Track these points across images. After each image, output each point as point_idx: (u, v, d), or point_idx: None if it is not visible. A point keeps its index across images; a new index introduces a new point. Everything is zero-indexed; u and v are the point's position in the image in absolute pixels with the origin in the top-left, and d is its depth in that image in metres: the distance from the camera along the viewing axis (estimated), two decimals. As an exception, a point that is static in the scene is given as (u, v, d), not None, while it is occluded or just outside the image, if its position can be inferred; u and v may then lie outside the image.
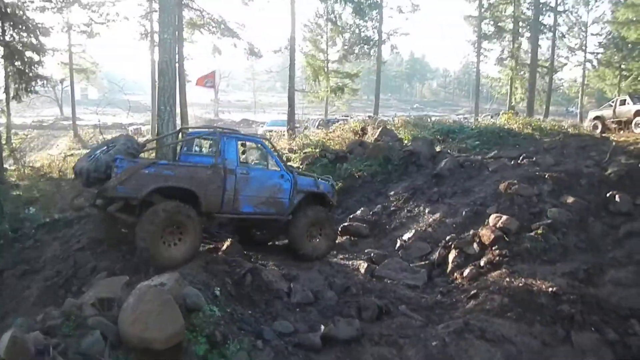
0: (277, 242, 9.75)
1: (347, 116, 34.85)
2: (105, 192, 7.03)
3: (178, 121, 17.96)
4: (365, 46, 33.20)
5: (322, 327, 6.14)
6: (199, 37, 21.94)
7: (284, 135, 21.08)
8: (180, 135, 9.64)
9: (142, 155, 8.36)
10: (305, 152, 15.82)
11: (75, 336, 4.52)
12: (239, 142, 8.34)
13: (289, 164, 9.98)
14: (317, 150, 15.69)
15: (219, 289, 6.32)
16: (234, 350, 5.09)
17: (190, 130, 9.24)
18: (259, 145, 8.95)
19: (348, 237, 10.57)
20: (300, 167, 14.01)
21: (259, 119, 52.79)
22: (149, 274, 6.46)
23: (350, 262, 9.00)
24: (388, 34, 33.05)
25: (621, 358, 5.69)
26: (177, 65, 12.91)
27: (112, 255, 7.44)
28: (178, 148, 9.04)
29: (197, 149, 8.87)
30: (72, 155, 19.63)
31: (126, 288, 5.62)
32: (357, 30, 32.31)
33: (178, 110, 19.15)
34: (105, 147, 7.72)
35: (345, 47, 33.09)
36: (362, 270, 8.53)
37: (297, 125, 24.80)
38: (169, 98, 12.31)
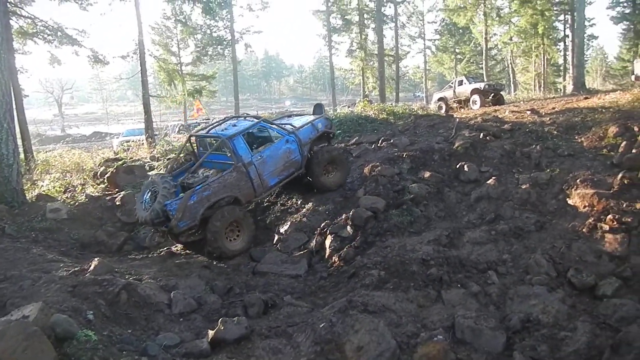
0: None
1: (208, 119, 34.17)
2: (172, 231, 8.82)
3: (19, 141, 16.25)
4: (219, 46, 32.84)
5: (209, 331, 5.99)
6: (33, 47, 20.03)
7: (142, 144, 20.04)
8: (192, 141, 10.94)
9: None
10: (169, 158, 15.21)
11: None
12: (244, 136, 9.66)
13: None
14: (182, 154, 15.17)
15: (92, 312, 5.81)
16: (117, 373, 4.76)
17: (197, 132, 11.50)
18: (260, 127, 10.41)
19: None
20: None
21: (113, 130, 49.57)
22: (5, 308, 5.79)
23: (229, 263, 8.89)
24: (241, 33, 33.04)
25: (484, 304, 6.35)
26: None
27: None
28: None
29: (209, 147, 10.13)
30: None
31: (-20, 329, 4.98)
32: (208, 31, 31.80)
33: (18, 128, 17.33)
34: (149, 192, 9.27)
35: (198, 49, 32.45)
36: (243, 269, 8.48)
37: (156, 132, 23.74)
38: (5, 114, 11.12)
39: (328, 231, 9.12)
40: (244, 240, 9.27)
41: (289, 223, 10.22)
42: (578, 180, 8.93)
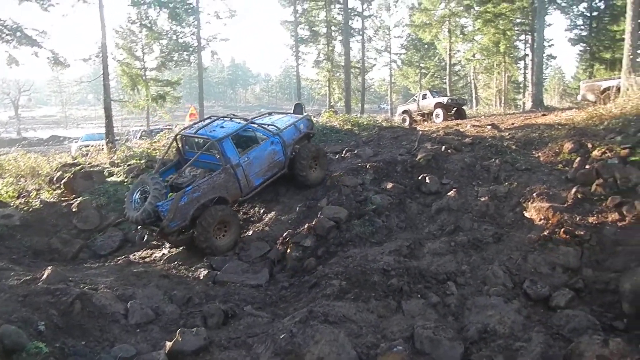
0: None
1: (171, 125, 33.62)
2: (163, 231, 9.02)
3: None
4: (185, 52, 32.47)
5: (167, 343, 5.84)
6: (-11, 46, 19.21)
7: (102, 149, 19.51)
8: (180, 140, 10.99)
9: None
10: (129, 165, 14.86)
11: None
12: (232, 138, 9.87)
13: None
14: (143, 161, 14.85)
15: (43, 323, 5.60)
16: (68, 387, 4.58)
17: (184, 132, 11.14)
18: (248, 129, 10.62)
19: (184, 247, 10.21)
20: (125, 180, 13.13)
21: (72, 134, 48.16)
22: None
23: (189, 272, 8.72)
24: (207, 40, 32.76)
25: (442, 315, 6.43)
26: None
27: None
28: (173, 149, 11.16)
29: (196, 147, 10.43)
30: None
31: None
32: (174, 37, 31.42)
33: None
34: (139, 192, 9.45)
35: (164, 54, 32.00)
36: (203, 278, 8.33)
37: (117, 137, 23.17)
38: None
39: (290, 240, 9.08)
40: (230, 237, 9.55)
41: (251, 232, 10.14)
42: (534, 194, 9.19)
